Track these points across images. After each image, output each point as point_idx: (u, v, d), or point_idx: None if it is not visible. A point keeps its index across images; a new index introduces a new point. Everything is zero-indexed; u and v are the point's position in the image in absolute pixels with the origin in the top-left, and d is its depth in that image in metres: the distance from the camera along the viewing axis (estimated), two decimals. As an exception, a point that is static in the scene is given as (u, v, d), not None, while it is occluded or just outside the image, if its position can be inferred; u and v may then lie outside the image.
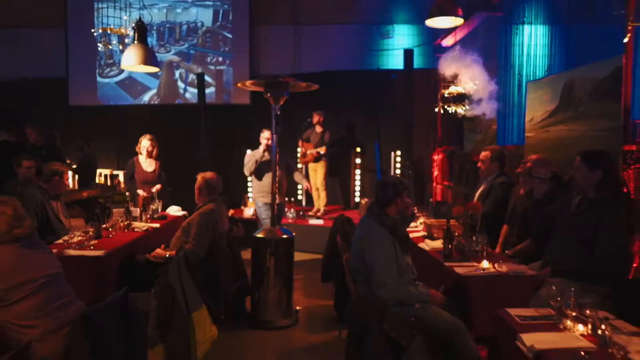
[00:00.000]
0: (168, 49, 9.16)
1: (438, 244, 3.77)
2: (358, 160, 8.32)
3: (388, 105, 8.35)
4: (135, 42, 4.53)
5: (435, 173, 7.72)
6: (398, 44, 9.00)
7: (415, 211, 4.36)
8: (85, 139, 7.49)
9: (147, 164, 5.63)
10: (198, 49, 9.15)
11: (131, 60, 4.41)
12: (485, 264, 3.06)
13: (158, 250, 3.94)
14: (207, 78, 8.93)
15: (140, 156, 5.66)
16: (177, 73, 9.18)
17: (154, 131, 9.36)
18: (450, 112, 4.75)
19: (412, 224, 4.88)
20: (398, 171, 7.83)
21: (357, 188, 8.42)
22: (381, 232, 2.86)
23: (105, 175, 8.78)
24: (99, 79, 9.26)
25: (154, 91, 9.20)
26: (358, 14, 8.99)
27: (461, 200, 3.72)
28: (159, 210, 5.08)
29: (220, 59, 9.12)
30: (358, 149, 8.32)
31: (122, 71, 9.21)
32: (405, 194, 3.01)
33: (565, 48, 5.18)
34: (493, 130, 5.15)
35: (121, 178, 8.88)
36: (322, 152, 7.32)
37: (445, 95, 4.73)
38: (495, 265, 3.02)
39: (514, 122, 4.94)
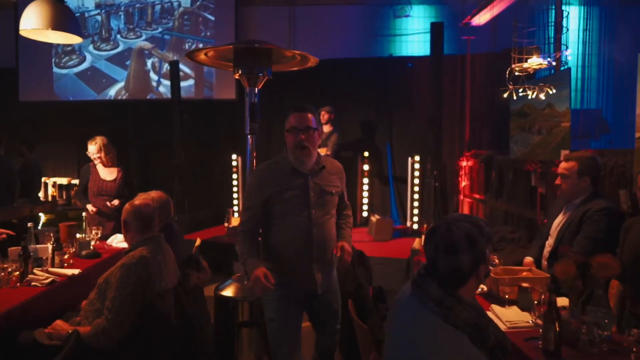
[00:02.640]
0: (138, 33, 7.67)
1: (516, 314, 2.28)
2: (366, 167, 6.84)
3: (403, 100, 6.88)
4: (44, -3, 3.02)
5: (463, 183, 6.22)
6: (413, 27, 7.52)
7: (496, 263, 2.82)
8: (25, 142, 5.99)
9: (107, 172, 4.29)
10: (174, 33, 7.66)
11: (33, 22, 2.90)
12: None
13: (58, 323, 2.43)
14: (184, 68, 7.45)
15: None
16: (149, 62, 7.69)
17: (121, 131, 7.94)
18: (530, 97, 3.26)
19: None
20: (417, 180, 6.34)
21: (365, 200, 6.93)
22: (456, 342, 1.36)
23: (61, 186, 7.30)
24: (55, 69, 7.77)
25: (121, 84, 7.71)
26: (365, -8, 7.52)
27: (567, 250, 2.20)
28: (92, 242, 3.58)
29: (201, 45, 7.61)
30: (366, 153, 6.84)
31: (82, 60, 7.73)
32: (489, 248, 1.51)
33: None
34: (563, 129, 3.66)
35: (80, 189, 7.44)
36: None
37: (516, 74, 3.22)
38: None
39: (597, 117, 3.51)
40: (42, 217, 6.62)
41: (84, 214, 3.84)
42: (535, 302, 2.32)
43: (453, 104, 6.37)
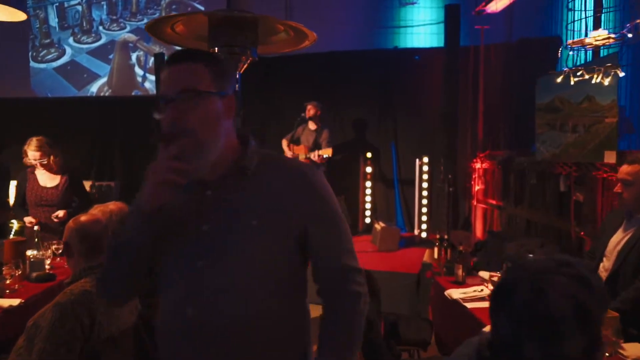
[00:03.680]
0: (122, 25, 7.10)
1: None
2: (369, 169, 6.27)
3: (409, 96, 6.30)
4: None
5: (477, 187, 5.65)
6: (420, 19, 6.98)
7: None
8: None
9: (47, 178, 3.67)
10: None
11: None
12: None
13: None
14: (171, 62, 6.86)
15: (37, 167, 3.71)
16: (133, 56, 7.12)
17: (104, 131, 7.40)
18: (594, 82, 2.70)
19: (471, 290, 2.86)
20: (425, 184, 5.77)
21: (368, 205, 6.36)
22: None
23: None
24: (32, 63, 7.20)
25: (104, 80, 7.15)
26: (368, -20, 6.98)
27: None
28: (48, 261, 3.00)
29: (190, 37, 7.05)
30: (369, 154, 6.28)
31: (62, 54, 7.16)
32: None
33: None
34: (607, 126, 3.09)
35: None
36: (328, 156, 5.22)
37: (570, 53, 2.66)
38: None
39: (620, 116, 2.96)
40: (15, 225, 6.05)
41: (36, 227, 3.24)
42: (608, 354, 1.76)
43: (465, 100, 5.80)
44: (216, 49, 2.01)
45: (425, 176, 5.77)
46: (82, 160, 7.23)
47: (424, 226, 5.80)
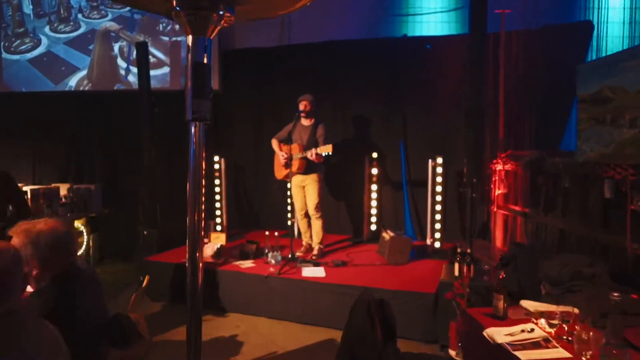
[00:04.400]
0: (103, 12, 6.47)
1: None
2: (375, 171, 5.66)
3: (420, 89, 5.68)
4: None
5: (498, 191, 5.03)
6: (429, 7, 6.37)
7: None
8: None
9: None
10: (145, 12, 6.45)
11: None
12: None
13: None
14: (157, 53, 6.27)
15: None
16: (116, 47, 6.49)
17: (84, 129, 6.82)
18: None
19: (518, 329, 2.26)
20: (438, 188, 5.14)
21: (374, 211, 5.75)
22: None
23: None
24: (4, 54, 6.60)
25: (83, 73, 6.52)
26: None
27: None
28: None
29: (177, 26, 6.41)
30: (374, 154, 5.66)
31: (37, 44, 6.54)
32: None
33: None
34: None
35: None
36: (328, 153, 4.58)
37: None
38: None
39: None
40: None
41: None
42: None
43: (485, 94, 5.17)
44: (175, 2, 1.39)
45: (439, 179, 5.13)
46: (59, 162, 6.66)
47: (437, 235, 5.18)
